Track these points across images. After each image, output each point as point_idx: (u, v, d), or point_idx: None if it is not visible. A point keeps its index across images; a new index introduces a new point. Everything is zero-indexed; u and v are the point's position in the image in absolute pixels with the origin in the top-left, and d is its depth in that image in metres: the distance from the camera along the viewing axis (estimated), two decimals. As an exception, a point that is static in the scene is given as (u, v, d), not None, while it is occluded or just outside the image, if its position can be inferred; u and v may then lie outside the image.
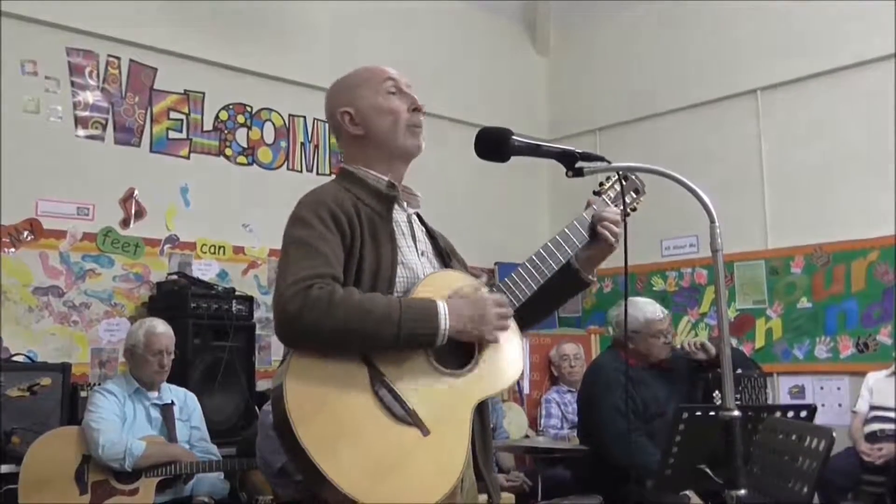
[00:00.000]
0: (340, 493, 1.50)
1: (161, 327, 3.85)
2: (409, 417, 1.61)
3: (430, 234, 1.96)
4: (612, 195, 2.01)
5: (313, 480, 1.53)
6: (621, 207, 1.99)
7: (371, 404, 1.60)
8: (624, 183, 2.02)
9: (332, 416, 1.56)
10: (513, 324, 1.80)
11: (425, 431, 1.62)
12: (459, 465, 1.64)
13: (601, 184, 2.03)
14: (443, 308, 1.65)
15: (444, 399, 1.67)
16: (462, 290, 1.76)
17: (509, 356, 1.79)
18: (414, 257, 1.82)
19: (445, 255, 1.94)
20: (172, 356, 3.85)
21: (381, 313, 1.59)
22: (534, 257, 1.85)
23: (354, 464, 1.53)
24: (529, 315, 1.90)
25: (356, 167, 1.88)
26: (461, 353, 1.74)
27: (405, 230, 1.86)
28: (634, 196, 2.07)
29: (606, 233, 1.91)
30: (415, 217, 1.94)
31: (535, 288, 1.83)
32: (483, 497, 1.81)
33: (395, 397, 1.62)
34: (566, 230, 1.90)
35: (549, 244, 1.87)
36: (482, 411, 1.82)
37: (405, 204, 1.91)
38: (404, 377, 1.64)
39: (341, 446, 1.54)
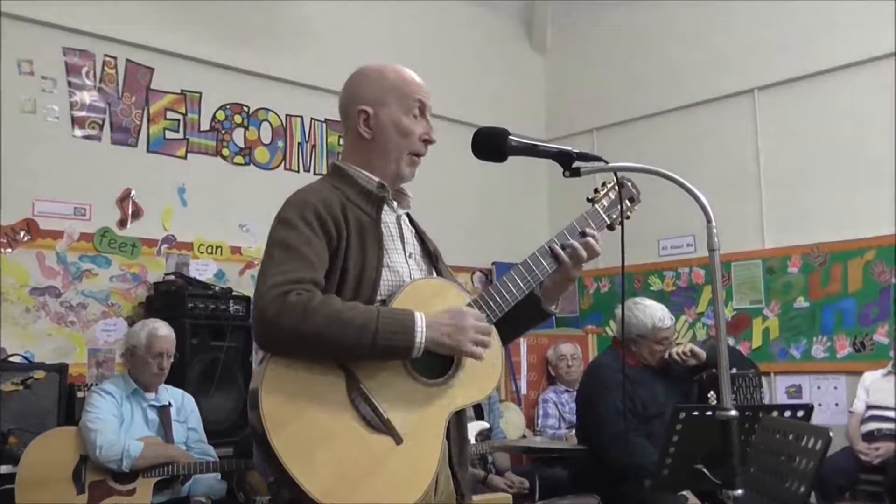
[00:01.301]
0: (311, 500, 1.52)
1: (163, 330, 3.85)
2: (383, 426, 1.62)
3: (420, 236, 1.95)
4: (605, 203, 1.99)
5: (286, 486, 1.54)
6: (615, 215, 1.99)
7: (346, 412, 1.60)
8: (619, 190, 2.00)
9: (306, 423, 1.56)
10: (493, 332, 1.80)
11: (398, 440, 1.63)
12: (430, 475, 1.65)
13: (595, 191, 2.02)
14: (420, 320, 1.64)
15: (419, 408, 1.68)
16: (445, 298, 1.76)
17: (488, 366, 1.77)
18: (401, 259, 1.82)
19: (434, 258, 1.93)
20: (172, 359, 3.85)
21: (358, 323, 1.58)
22: (513, 273, 1.84)
23: (326, 471, 1.55)
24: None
25: (348, 165, 1.88)
26: (441, 361, 1.74)
27: (394, 231, 1.85)
28: (629, 204, 2.04)
29: (563, 255, 1.88)
30: (405, 218, 1.92)
31: (512, 303, 1.82)
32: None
33: (371, 406, 1.62)
34: (545, 245, 1.90)
35: (528, 260, 1.87)
36: (459, 415, 1.83)
37: (395, 204, 1.90)
38: (381, 386, 1.65)
39: (314, 453, 1.55)
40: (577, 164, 1.77)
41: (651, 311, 3.74)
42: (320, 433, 1.57)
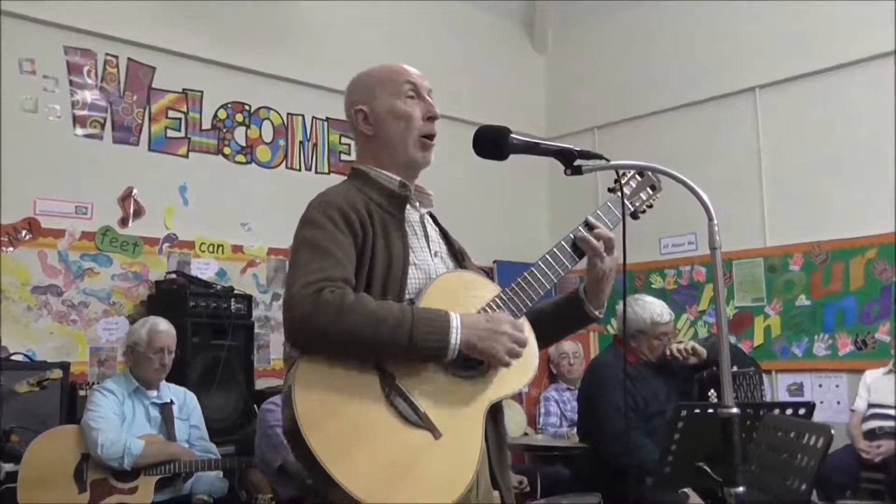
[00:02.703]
0: (352, 498, 1.48)
1: (163, 325, 3.87)
2: (420, 421, 1.59)
3: (445, 235, 1.94)
4: (627, 192, 1.97)
5: (325, 485, 1.51)
6: (638, 203, 1.99)
7: (382, 408, 1.58)
8: (640, 179, 1.99)
9: (342, 420, 1.53)
10: (527, 324, 1.78)
11: (437, 435, 1.60)
12: (472, 468, 1.62)
13: (616, 181, 1.99)
14: (456, 321, 1.62)
15: (456, 402, 1.65)
16: (474, 290, 1.75)
17: (523, 357, 1.74)
18: (427, 257, 1.80)
19: (460, 256, 1.92)
20: (173, 355, 3.86)
21: (392, 322, 1.56)
22: (534, 269, 1.82)
23: (366, 468, 1.51)
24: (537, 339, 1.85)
25: (368, 167, 1.87)
26: None
27: (418, 230, 1.84)
28: (651, 192, 2.02)
29: (591, 242, 1.86)
30: (428, 217, 1.92)
31: (536, 298, 1.80)
32: (496, 493, 1.78)
33: (407, 401, 1.59)
34: (562, 242, 1.89)
35: (546, 256, 1.85)
36: (496, 413, 1.80)
37: (417, 203, 1.89)
38: (416, 380, 1.62)
39: (352, 451, 1.52)
40: (578, 162, 1.76)
41: (650, 307, 3.74)
42: (357, 430, 1.54)
